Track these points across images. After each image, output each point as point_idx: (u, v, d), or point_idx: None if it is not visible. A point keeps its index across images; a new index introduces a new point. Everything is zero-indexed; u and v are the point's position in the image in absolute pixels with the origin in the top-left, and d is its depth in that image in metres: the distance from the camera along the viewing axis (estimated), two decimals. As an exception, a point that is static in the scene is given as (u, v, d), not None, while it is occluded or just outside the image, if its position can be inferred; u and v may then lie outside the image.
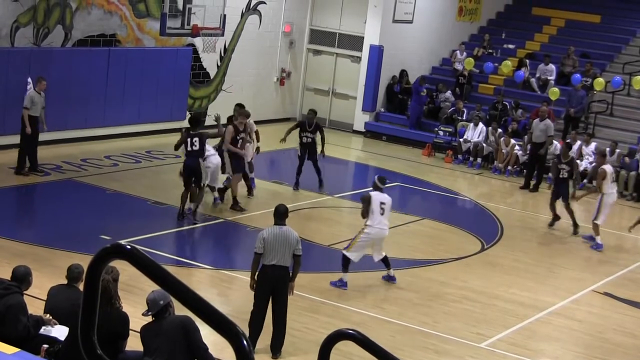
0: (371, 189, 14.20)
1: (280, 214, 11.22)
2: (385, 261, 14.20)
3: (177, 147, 16.57)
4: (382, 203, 13.80)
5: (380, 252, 14.14)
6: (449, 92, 27.07)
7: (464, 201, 21.00)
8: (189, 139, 16.14)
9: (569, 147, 19.53)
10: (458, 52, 28.78)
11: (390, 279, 14.30)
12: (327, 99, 28.10)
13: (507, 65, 26.35)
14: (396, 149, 25.53)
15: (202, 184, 16.43)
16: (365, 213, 13.83)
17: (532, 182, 22.19)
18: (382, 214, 13.78)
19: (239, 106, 18.92)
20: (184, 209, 16.38)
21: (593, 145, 23.12)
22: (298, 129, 19.38)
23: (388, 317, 12.87)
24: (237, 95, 24.12)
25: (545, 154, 22.30)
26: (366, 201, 13.87)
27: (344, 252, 13.83)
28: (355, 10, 27.25)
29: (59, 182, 18.14)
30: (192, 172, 16.27)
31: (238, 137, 17.41)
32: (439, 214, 19.42)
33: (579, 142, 23.39)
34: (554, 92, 25.22)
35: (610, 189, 17.76)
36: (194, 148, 16.11)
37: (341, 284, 13.80)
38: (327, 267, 14.95)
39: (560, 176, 18.49)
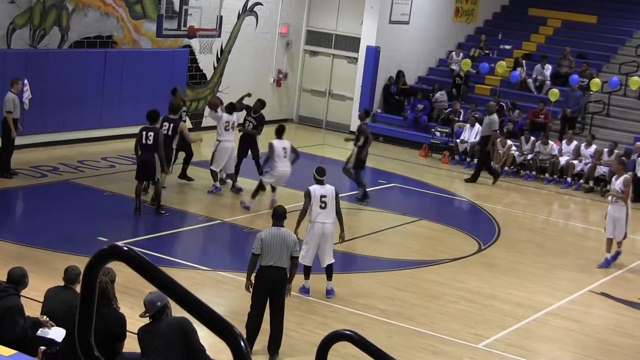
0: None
1: (279, 216, 11.23)
2: (329, 270, 13.33)
3: (136, 149, 16.49)
4: (322, 196, 13.04)
5: (328, 256, 13.21)
6: (440, 92, 26.97)
7: (460, 202, 21.00)
8: (143, 132, 16.12)
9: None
10: (454, 53, 28.81)
11: (328, 293, 13.33)
12: (323, 100, 28.11)
13: (502, 66, 26.38)
14: (393, 150, 25.55)
15: (156, 179, 16.29)
16: (306, 208, 13.07)
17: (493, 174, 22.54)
18: (323, 207, 13.02)
19: (260, 101, 19.39)
20: (140, 203, 16.37)
21: (593, 147, 23.02)
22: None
23: (385, 318, 12.87)
24: (233, 96, 24.07)
25: (490, 148, 22.50)
26: (306, 196, 13.11)
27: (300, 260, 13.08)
28: (351, 12, 27.26)
29: (56, 184, 18.12)
30: (144, 167, 16.16)
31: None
32: (436, 214, 19.42)
33: (575, 142, 23.40)
34: (553, 94, 25.25)
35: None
36: (148, 142, 16.02)
37: (303, 291, 13.31)
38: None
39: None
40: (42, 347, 8.27)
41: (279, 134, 17.52)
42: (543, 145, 23.44)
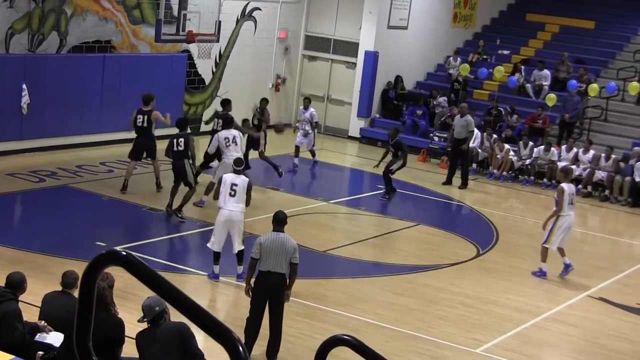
0: None
1: (279, 221, 11.24)
2: (239, 256, 13.66)
3: (167, 153, 16.94)
4: (233, 184, 13.48)
5: (237, 242, 13.59)
6: (443, 97, 27.05)
7: (459, 207, 21.01)
8: (174, 140, 16.67)
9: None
10: (452, 58, 28.82)
11: (239, 277, 13.69)
12: (322, 105, 28.09)
13: (500, 71, 26.40)
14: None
15: (191, 183, 16.79)
16: (216, 194, 13.79)
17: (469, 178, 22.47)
18: (232, 195, 13.44)
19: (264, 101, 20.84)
20: (172, 202, 16.84)
21: (591, 153, 23.02)
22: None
23: (383, 323, 12.86)
24: (232, 101, 24.05)
25: (468, 149, 22.36)
26: (217, 182, 14.09)
27: (208, 244, 13.82)
28: (350, 17, 27.28)
29: (54, 189, 18.11)
30: (177, 173, 16.78)
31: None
32: (435, 219, 19.43)
33: (575, 150, 23.39)
34: (550, 98, 25.26)
35: (568, 211, 15.58)
36: (179, 148, 16.56)
37: (213, 276, 13.82)
38: (322, 273, 14.95)
39: None
40: (40, 352, 8.27)
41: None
42: (544, 152, 23.42)
